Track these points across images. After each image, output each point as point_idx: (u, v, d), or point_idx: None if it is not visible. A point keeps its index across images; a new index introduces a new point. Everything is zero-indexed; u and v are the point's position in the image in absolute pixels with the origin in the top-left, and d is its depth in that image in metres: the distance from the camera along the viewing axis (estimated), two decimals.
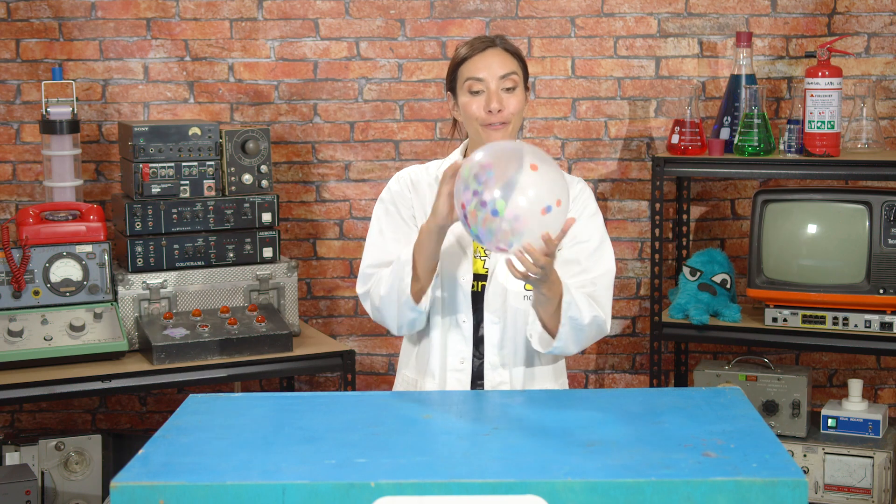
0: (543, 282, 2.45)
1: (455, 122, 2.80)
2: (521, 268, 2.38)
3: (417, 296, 2.59)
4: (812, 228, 3.74)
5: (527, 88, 2.74)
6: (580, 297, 2.59)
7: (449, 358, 2.68)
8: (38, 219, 3.49)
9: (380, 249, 2.73)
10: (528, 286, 2.66)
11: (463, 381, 2.68)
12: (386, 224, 2.76)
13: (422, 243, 2.56)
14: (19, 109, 3.98)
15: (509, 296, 2.68)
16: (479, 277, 2.70)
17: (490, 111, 2.63)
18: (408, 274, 2.58)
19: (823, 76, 3.69)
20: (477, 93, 2.66)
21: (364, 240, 2.82)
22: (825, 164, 3.71)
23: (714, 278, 3.86)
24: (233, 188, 3.66)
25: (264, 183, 3.69)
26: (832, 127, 3.71)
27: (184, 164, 3.60)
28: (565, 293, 2.53)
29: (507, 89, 2.66)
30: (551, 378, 2.74)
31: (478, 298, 2.69)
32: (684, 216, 4.11)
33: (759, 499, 1.99)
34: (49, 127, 3.67)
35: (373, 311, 2.71)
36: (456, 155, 2.78)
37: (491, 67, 2.65)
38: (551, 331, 2.58)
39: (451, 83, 2.74)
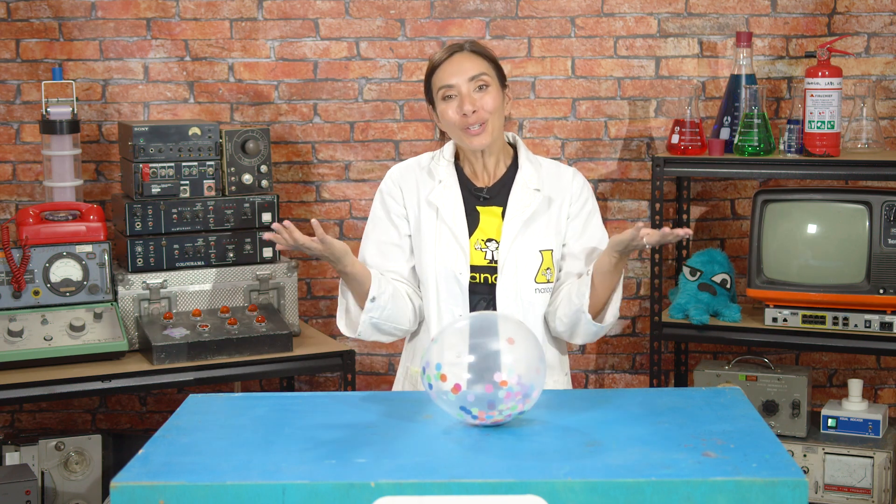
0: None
1: (442, 131, 2.83)
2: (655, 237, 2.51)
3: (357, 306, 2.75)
4: (812, 228, 3.74)
5: (504, 86, 2.75)
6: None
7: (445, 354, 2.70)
8: (38, 219, 3.49)
9: (366, 264, 2.80)
10: (539, 279, 2.69)
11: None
12: (374, 232, 2.83)
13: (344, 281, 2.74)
14: (19, 109, 3.98)
15: (521, 290, 2.70)
16: (479, 269, 2.71)
17: (465, 114, 2.66)
18: (344, 303, 2.77)
19: (823, 76, 3.69)
20: (450, 98, 2.70)
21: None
22: (825, 164, 3.70)
23: (714, 278, 3.86)
24: (233, 188, 3.66)
25: (264, 183, 3.69)
26: (832, 127, 3.71)
27: (184, 164, 3.60)
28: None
29: (480, 88, 2.68)
30: (558, 368, 2.77)
31: (478, 290, 2.70)
32: (684, 216, 4.11)
33: (759, 499, 1.99)
34: (49, 127, 3.67)
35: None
36: (448, 150, 2.81)
37: (459, 72, 2.69)
38: (599, 307, 2.69)
39: (428, 94, 2.79)
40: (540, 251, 2.72)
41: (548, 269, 2.73)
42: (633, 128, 4.11)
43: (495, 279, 2.70)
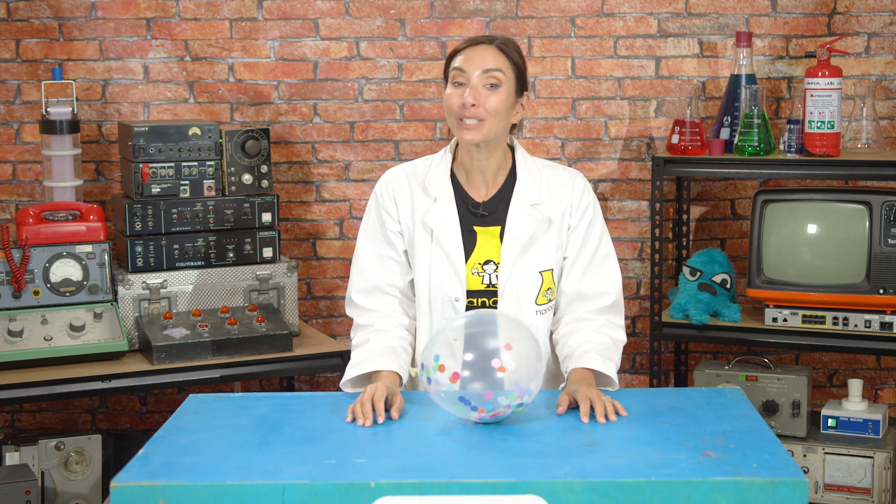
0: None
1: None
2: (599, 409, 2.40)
3: None
4: (812, 228, 3.74)
5: (520, 94, 2.66)
6: (604, 342, 2.63)
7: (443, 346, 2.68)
8: (38, 219, 3.49)
9: (365, 274, 2.73)
10: (540, 300, 2.66)
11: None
12: (371, 242, 2.74)
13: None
14: (19, 109, 3.98)
15: (522, 313, 2.66)
16: (477, 294, 2.67)
17: (463, 104, 2.58)
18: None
19: (823, 76, 3.69)
20: (459, 84, 2.61)
21: None
22: (825, 164, 3.70)
23: (714, 278, 3.86)
24: (233, 188, 3.66)
25: (264, 183, 3.69)
26: (832, 127, 3.71)
27: (184, 164, 3.60)
28: (609, 368, 2.59)
29: (490, 86, 2.59)
30: (562, 376, 2.75)
31: None
32: (684, 216, 4.11)
33: (759, 499, 1.99)
34: (49, 127, 3.67)
35: None
36: (445, 154, 2.74)
37: (475, 62, 2.60)
38: None
39: (446, 75, 2.70)
40: (540, 272, 2.67)
41: (549, 289, 2.68)
42: (633, 128, 4.11)
43: (494, 303, 2.65)
